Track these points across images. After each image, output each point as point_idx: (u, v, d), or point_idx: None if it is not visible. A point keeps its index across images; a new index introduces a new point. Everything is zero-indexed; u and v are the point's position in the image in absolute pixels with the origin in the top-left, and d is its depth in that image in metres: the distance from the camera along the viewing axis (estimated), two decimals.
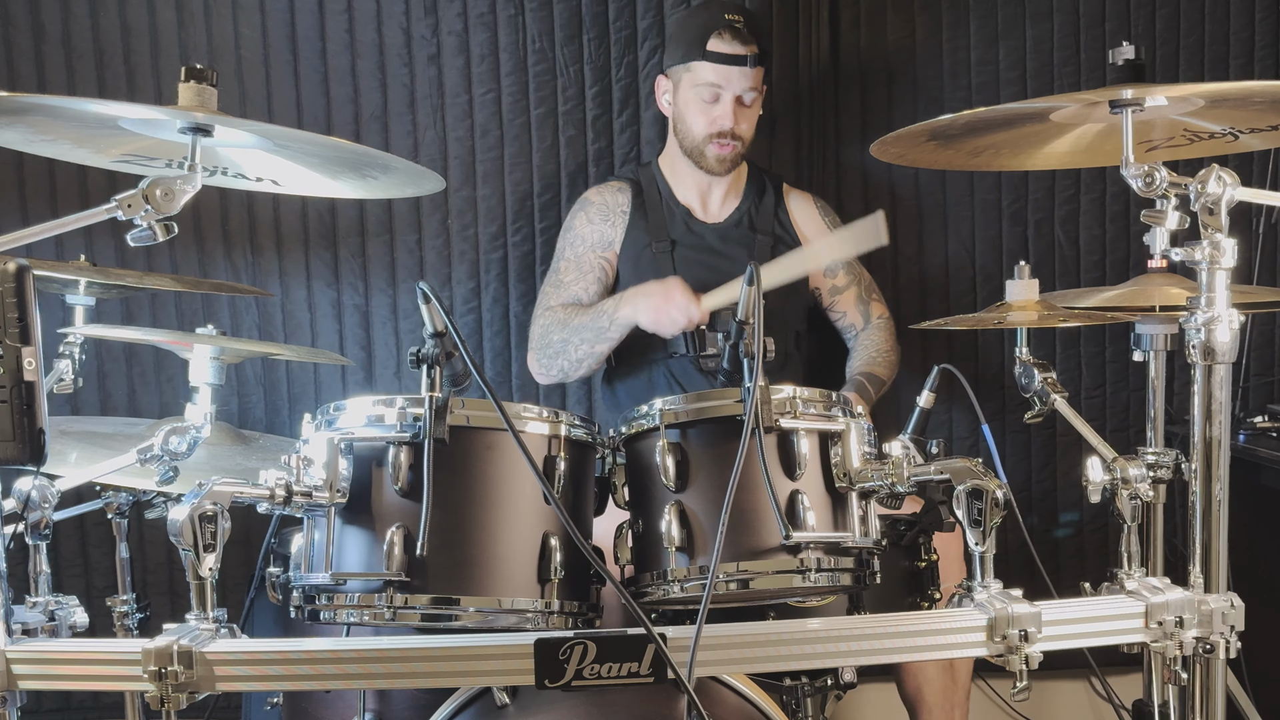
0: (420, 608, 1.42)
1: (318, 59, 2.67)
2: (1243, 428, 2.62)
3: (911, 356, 2.78)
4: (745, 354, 1.47)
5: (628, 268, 2.51)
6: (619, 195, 2.56)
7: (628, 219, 2.53)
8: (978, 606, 1.41)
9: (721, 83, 2.40)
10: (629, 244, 2.52)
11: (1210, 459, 1.51)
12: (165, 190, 1.44)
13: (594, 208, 2.56)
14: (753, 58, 2.38)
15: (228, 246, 2.69)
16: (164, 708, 1.31)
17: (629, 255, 2.52)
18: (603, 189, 2.59)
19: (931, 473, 1.47)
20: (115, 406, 2.69)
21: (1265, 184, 2.78)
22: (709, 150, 2.45)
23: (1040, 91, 2.76)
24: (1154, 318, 2.06)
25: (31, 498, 1.46)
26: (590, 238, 2.53)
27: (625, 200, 2.55)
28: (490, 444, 1.46)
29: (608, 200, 2.56)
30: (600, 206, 2.55)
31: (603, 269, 2.52)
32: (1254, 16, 2.81)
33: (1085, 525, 2.89)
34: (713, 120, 2.43)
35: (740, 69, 2.38)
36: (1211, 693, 1.51)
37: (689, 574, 1.47)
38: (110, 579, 2.23)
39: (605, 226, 2.53)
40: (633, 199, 2.55)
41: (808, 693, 1.85)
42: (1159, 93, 1.60)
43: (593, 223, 2.54)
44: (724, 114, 2.42)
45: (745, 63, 2.38)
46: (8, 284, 1.23)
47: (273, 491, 1.40)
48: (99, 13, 2.61)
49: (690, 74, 2.42)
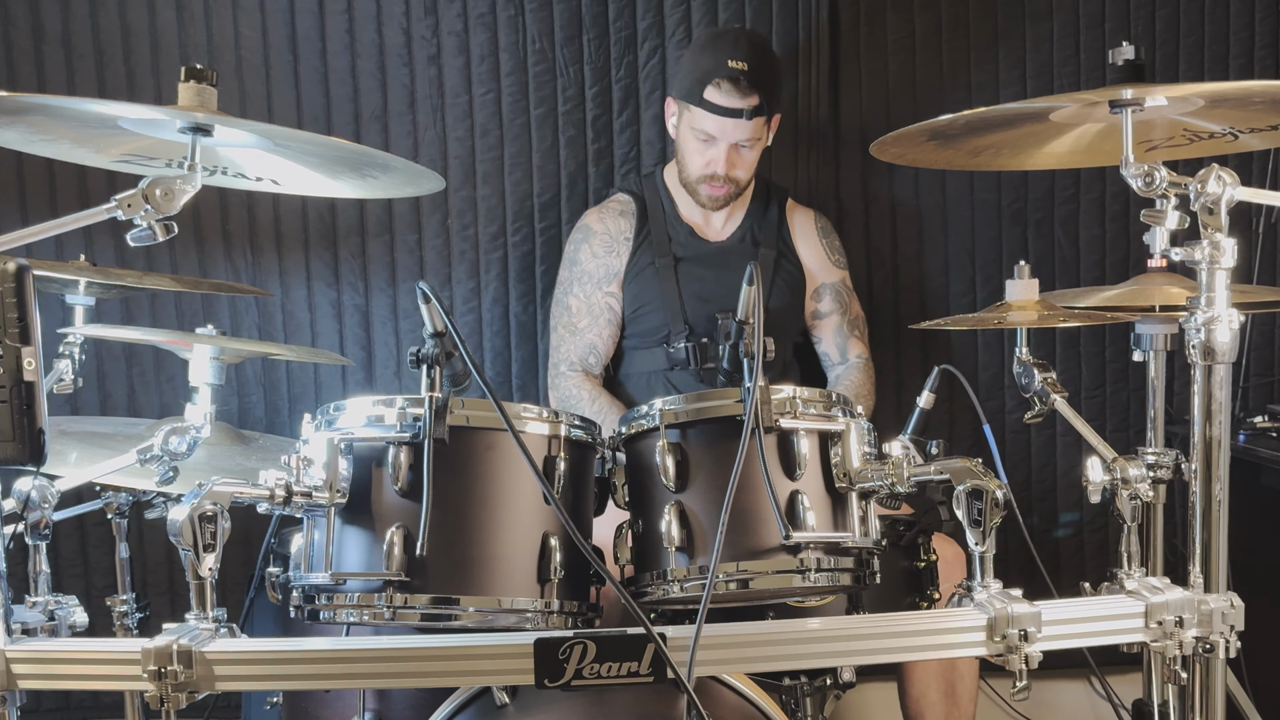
0: (420, 608, 1.42)
1: (318, 59, 2.67)
2: (1243, 428, 2.62)
3: (911, 356, 2.78)
4: (745, 354, 1.48)
5: (632, 285, 2.52)
6: (620, 220, 2.55)
7: (631, 242, 2.52)
8: (977, 606, 1.41)
9: (716, 133, 2.37)
10: (634, 261, 2.52)
11: (1210, 459, 1.51)
12: (165, 190, 1.44)
13: (598, 239, 2.54)
14: (751, 110, 2.33)
15: (228, 246, 2.69)
16: (164, 707, 1.31)
17: (633, 272, 2.52)
18: (605, 212, 2.57)
19: (931, 473, 1.47)
20: (115, 406, 2.69)
21: (1265, 184, 2.78)
22: (701, 189, 2.45)
23: (1040, 91, 2.76)
24: (1154, 318, 2.06)
25: (31, 498, 1.46)
26: (597, 273, 2.52)
27: (627, 224, 2.54)
28: (490, 444, 1.46)
29: (610, 228, 2.54)
30: (603, 237, 2.54)
31: (610, 308, 2.52)
32: (1254, 16, 2.81)
33: (1085, 525, 2.89)
34: (707, 163, 2.42)
35: (736, 121, 2.34)
36: (1211, 693, 1.51)
37: (689, 574, 1.47)
38: (110, 579, 2.23)
39: (610, 259, 2.53)
40: (637, 215, 2.54)
41: (807, 692, 1.85)
42: (1159, 93, 1.60)
43: (597, 256, 2.53)
44: (717, 160, 2.40)
45: (742, 115, 2.34)
46: (7, 284, 1.23)
47: (273, 491, 1.40)
48: (99, 13, 2.61)
49: (689, 114, 2.41)
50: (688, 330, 2.46)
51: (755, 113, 2.34)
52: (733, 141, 2.37)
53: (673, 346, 2.47)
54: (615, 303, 2.52)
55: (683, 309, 2.47)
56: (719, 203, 2.47)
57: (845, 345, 2.57)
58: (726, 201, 2.47)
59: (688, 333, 2.46)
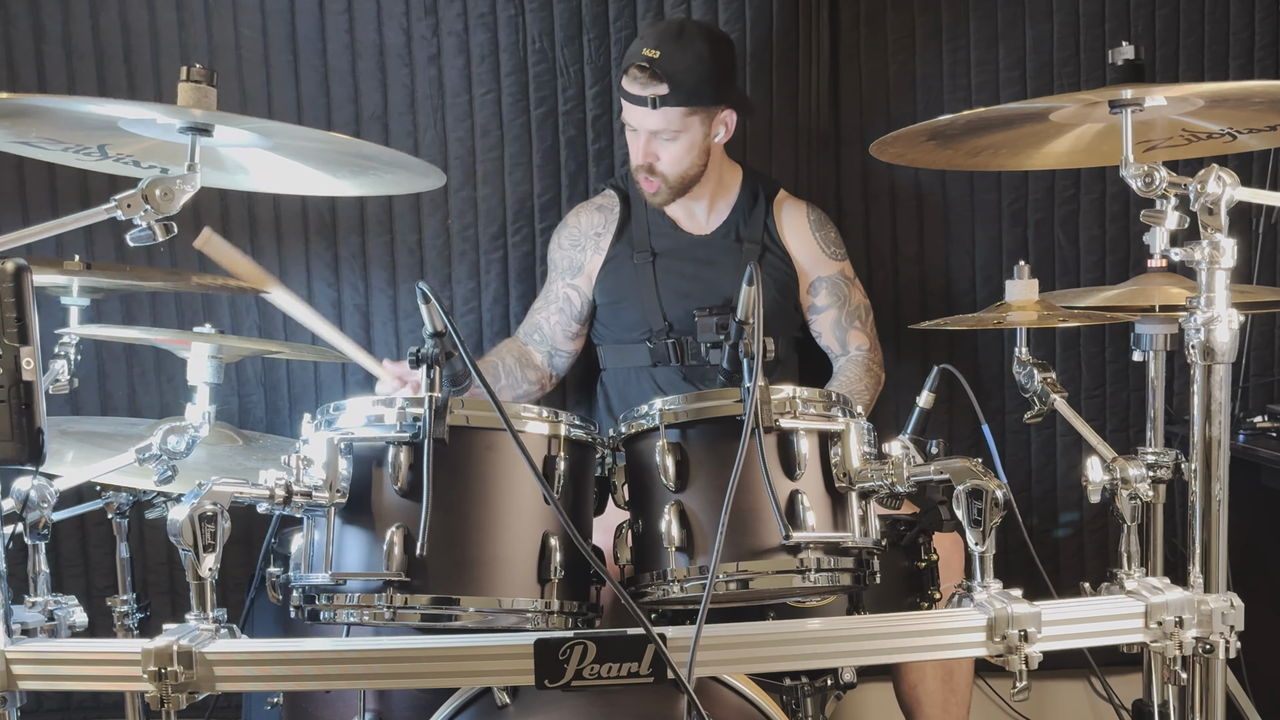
0: (420, 608, 1.42)
1: (318, 59, 2.67)
2: (1243, 428, 2.62)
3: (911, 356, 2.78)
4: (745, 354, 1.48)
5: (610, 280, 2.54)
6: (596, 215, 2.57)
7: (611, 234, 2.54)
8: (977, 606, 1.41)
9: (634, 122, 2.39)
10: (613, 255, 2.54)
11: (1210, 459, 1.51)
12: (165, 190, 1.44)
13: (567, 232, 2.59)
14: (657, 99, 2.32)
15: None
16: (164, 708, 1.31)
17: (612, 267, 2.53)
18: (584, 207, 2.61)
19: (931, 473, 1.47)
20: (115, 406, 2.69)
21: (1265, 184, 2.78)
22: (639, 182, 2.46)
23: (1040, 91, 2.75)
24: (1154, 318, 2.06)
25: (30, 497, 1.46)
26: (561, 264, 2.58)
27: (602, 219, 2.56)
28: (490, 444, 1.46)
29: (582, 223, 2.58)
30: (573, 230, 2.58)
31: (567, 297, 2.56)
32: (1254, 16, 2.80)
33: (1085, 525, 2.89)
34: (633, 154, 2.44)
35: (643, 109, 2.35)
36: (1211, 693, 1.51)
37: (689, 574, 1.47)
38: (110, 579, 2.23)
39: (575, 252, 2.56)
40: (620, 209, 2.55)
41: (808, 693, 1.85)
42: (1158, 93, 1.60)
43: (563, 248, 2.58)
44: (636, 149, 2.42)
45: (646, 103, 2.33)
46: (6, 284, 1.23)
47: (273, 491, 1.40)
48: (99, 13, 2.61)
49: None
50: (668, 326, 2.47)
51: (663, 102, 2.33)
52: (649, 130, 2.38)
53: (653, 343, 2.49)
54: (575, 295, 2.56)
55: (660, 305, 2.48)
56: (655, 199, 2.46)
57: (845, 338, 2.56)
58: (664, 200, 2.47)
59: (668, 329, 2.47)
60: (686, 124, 2.37)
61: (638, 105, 2.35)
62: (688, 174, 2.43)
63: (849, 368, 2.53)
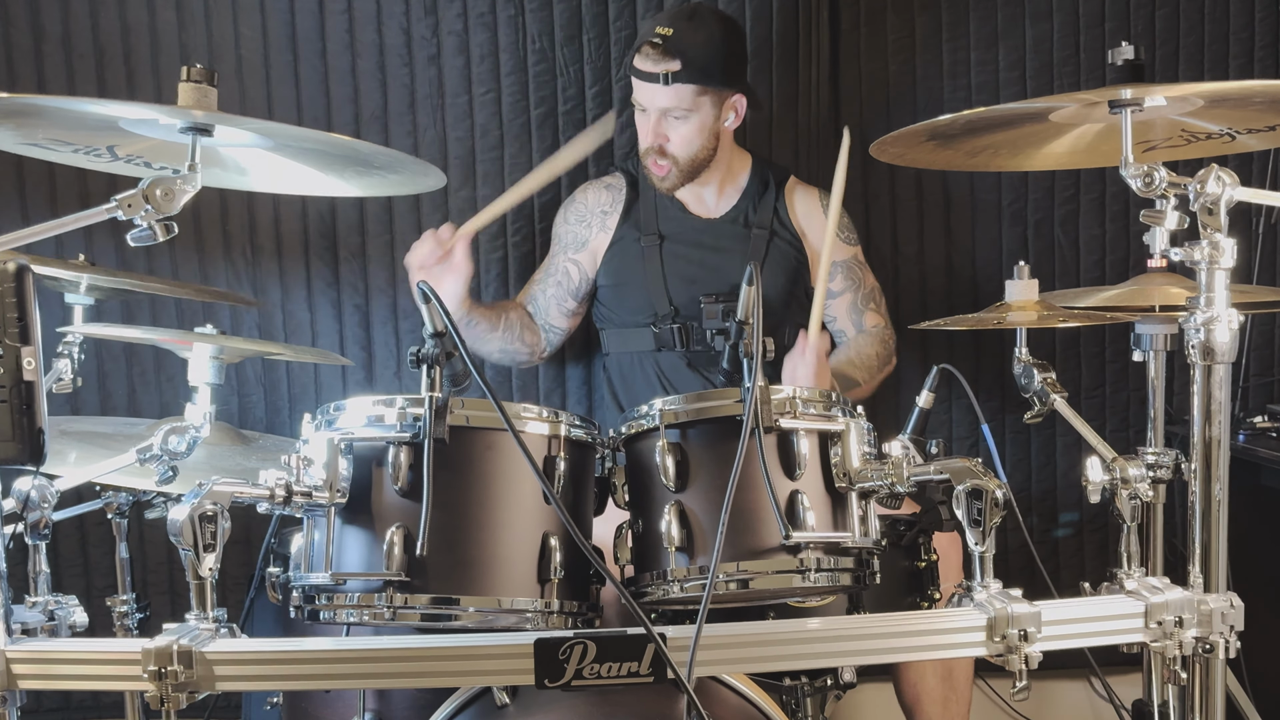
0: (420, 608, 1.42)
1: (318, 59, 2.67)
2: (1243, 428, 2.62)
3: (911, 356, 2.78)
4: (745, 354, 1.48)
5: (616, 261, 2.53)
6: (604, 193, 2.57)
7: (618, 215, 2.54)
8: (977, 606, 1.41)
9: (645, 101, 2.39)
10: (620, 237, 2.53)
11: (1210, 459, 1.51)
12: (165, 190, 1.44)
13: (574, 208, 2.59)
14: (669, 75, 2.32)
15: (227, 247, 2.69)
16: (164, 708, 1.31)
17: (618, 249, 2.53)
18: (590, 186, 2.61)
19: (931, 473, 1.47)
20: (115, 406, 2.69)
21: (1265, 184, 2.78)
22: (649, 165, 2.45)
23: (1040, 91, 2.76)
24: (1154, 318, 2.06)
25: (31, 497, 1.46)
26: (564, 238, 2.58)
27: (612, 198, 2.56)
28: (490, 444, 1.46)
29: (589, 200, 2.58)
30: (580, 207, 2.58)
31: (566, 272, 2.56)
32: (1254, 16, 2.81)
33: (1085, 525, 2.89)
34: (644, 136, 2.43)
35: (655, 86, 2.34)
36: (1211, 693, 1.51)
37: (689, 574, 1.47)
38: (110, 579, 2.22)
39: (580, 228, 2.56)
40: (627, 192, 2.55)
41: (808, 693, 1.85)
42: (1158, 93, 1.60)
43: (568, 223, 2.58)
44: (646, 130, 2.41)
45: (658, 80, 2.33)
46: (7, 284, 1.23)
47: (273, 491, 1.40)
48: (99, 13, 2.61)
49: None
50: (673, 311, 2.47)
51: (675, 78, 2.33)
52: (659, 109, 2.37)
53: (658, 327, 2.48)
54: (575, 270, 2.55)
55: (666, 289, 2.48)
56: (665, 184, 2.45)
57: (861, 320, 2.56)
58: (674, 185, 2.46)
59: (673, 314, 2.47)
60: (697, 103, 2.38)
61: (649, 82, 2.35)
62: (698, 157, 2.43)
63: (860, 338, 2.54)
